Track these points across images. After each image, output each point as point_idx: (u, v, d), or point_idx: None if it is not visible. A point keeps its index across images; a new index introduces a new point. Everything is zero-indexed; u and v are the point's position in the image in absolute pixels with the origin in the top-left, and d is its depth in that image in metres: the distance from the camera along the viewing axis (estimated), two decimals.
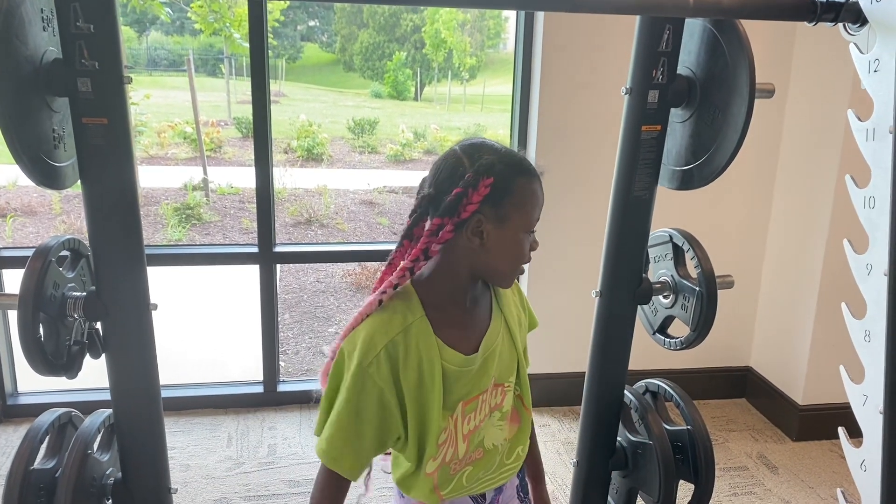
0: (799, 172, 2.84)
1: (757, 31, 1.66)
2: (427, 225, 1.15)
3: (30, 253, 1.54)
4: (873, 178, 1.45)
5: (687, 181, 1.78)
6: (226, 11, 10.29)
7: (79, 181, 1.57)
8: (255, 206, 2.80)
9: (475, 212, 1.10)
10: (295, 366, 4.14)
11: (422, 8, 21.27)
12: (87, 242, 1.65)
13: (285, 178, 8.65)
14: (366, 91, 22.74)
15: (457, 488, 1.23)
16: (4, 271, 2.76)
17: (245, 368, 3.76)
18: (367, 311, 1.14)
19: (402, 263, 1.15)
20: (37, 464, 1.66)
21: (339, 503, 1.19)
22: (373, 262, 5.55)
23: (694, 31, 1.70)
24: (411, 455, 1.17)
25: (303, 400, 3.02)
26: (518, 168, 1.15)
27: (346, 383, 1.10)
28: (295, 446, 2.69)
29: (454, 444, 1.18)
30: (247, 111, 12.89)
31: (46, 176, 1.47)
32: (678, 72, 1.71)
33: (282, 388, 3.04)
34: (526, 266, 1.18)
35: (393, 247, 1.20)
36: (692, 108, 1.73)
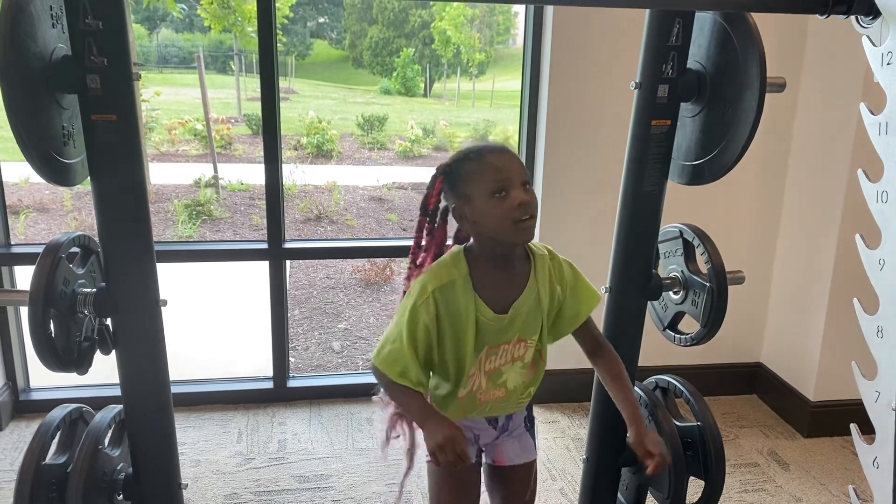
0: (810, 167, 2.82)
1: (768, 24, 1.64)
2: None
3: (39, 249, 1.55)
4: (886, 172, 1.43)
5: (697, 176, 1.77)
6: (239, 5, 10.31)
7: (88, 178, 1.57)
8: (264, 202, 2.81)
9: (438, 203, 1.44)
10: (304, 362, 4.15)
11: (430, 3, 21.26)
12: (97, 239, 1.66)
13: (295, 174, 8.67)
14: (375, 87, 22.74)
15: (480, 413, 1.54)
16: (17, 268, 2.78)
17: (255, 364, 3.77)
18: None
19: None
20: (48, 459, 1.68)
21: (418, 397, 1.43)
22: (382, 259, 5.56)
23: (704, 24, 1.68)
24: (450, 379, 1.48)
25: (312, 396, 3.03)
26: (463, 155, 1.41)
27: (402, 316, 1.40)
28: (305, 442, 2.70)
29: (479, 378, 1.48)
30: (257, 108, 12.88)
31: (56, 173, 1.48)
32: (688, 66, 1.70)
33: (291, 383, 3.04)
34: (525, 216, 1.35)
35: (401, 242, 1.49)
36: (702, 103, 1.72)
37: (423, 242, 1.48)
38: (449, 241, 1.51)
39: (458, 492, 1.57)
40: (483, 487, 1.65)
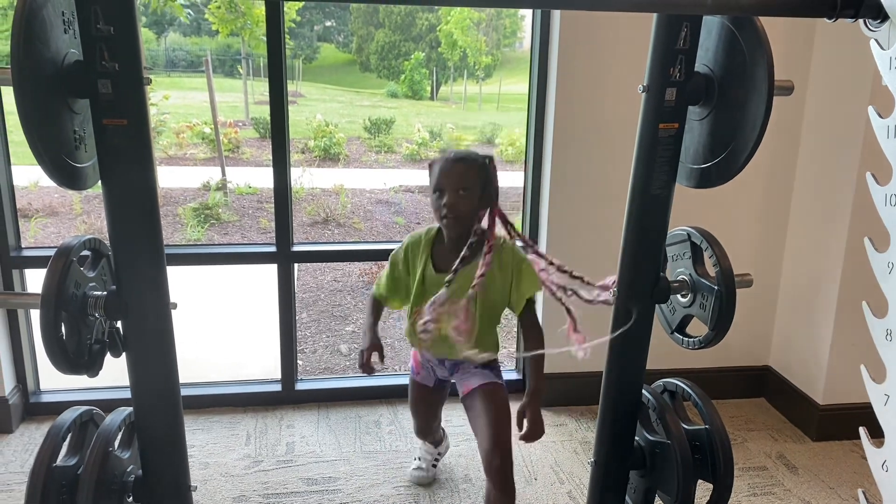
0: (818, 170, 2.81)
1: (775, 27, 1.65)
2: None
3: (50, 253, 1.56)
4: (895, 175, 1.43)
5: (705, 179, 1.77)
6: (249, 8, 10.35)
7: (99, 182, 1.59)
8: (272, 205, 2.82)
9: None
10: (312, 364, 4.16)
11: (437, 7, 21.28)
12: (107, 242, 1.67)
13: (303, 177, 8.69)
14: (382, 91, 22.76)
15: (427, 347, 2.05)
16: (27, 271, 2.80)
17: (263, 367, 3.78)
18: None
19: None
20: (59, 461, 1.69)
21: (376, 311, 2.08)
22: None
23: (711, 28, 1.69)
24: (408, 310, 2.03)
25: (321, 398, 3.04)
26: (448, 155, 1.91)
27: (390, 259, 2.06)
28: (313, 444, 2.70)
29: (419, 316, 1.84)
30: (264, 111, 12.94)
31: (68, 177, 1.49)
32: (696, 69, 1.70)
33: (300, 386, 3.05)
34: (448, 215, 1.86)
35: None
36: (710, 106, 1.72)
37: None
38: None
39: (417, 401, 2.27)
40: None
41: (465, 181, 1.84)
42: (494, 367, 2.08)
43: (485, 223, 1.87)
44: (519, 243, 1.96)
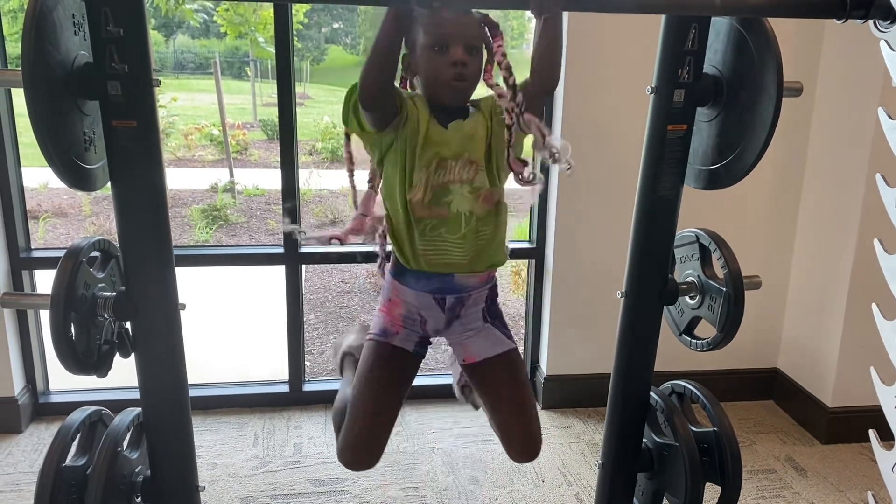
0: (827, 171, 2.80)
1: (784, 28, 1.64)
2: None
3: (61, 254, 1.57)
4: None
5: (713, 181, 1.77)
6: (250, 15, 10.38)
7: (109, 183, 1.60)
8: (280, 207, 2.82)
9: (404, 55, 1.47)
10: (320, 366, 4.17)
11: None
12: (116, 243, 1.68)
13: (310, 179, 8.70)
14: None
15: (423, 238, 1.47)
16: (36, 272, 2.81)
17: (271, 368, 3.79)
18: None
19: None
20: (68, 461, 1.70)
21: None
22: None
23: (720, 29, 1.68)
24: (398, 185, 1.46)
25: (328, 400, 3.03)
26: (420, 14, 1.39)
27: None
28: (320, 445, 2.71)
29: (423, 189, 1.44)
30: (272, 113, 12.98)
31: (78, 178, 1.50)
32: (704, 70, 1.70)
33: (307, 387, 3.06)
34: (458, 79, 1.42)
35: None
36: (719, 107, 1.72)
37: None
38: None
39: (382, 379, 1.57)
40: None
41: (476, 37, 1.44)
42: (499, 311, 1.65)
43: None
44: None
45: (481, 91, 1.54)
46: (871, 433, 1.56)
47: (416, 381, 1.67)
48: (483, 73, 1.50)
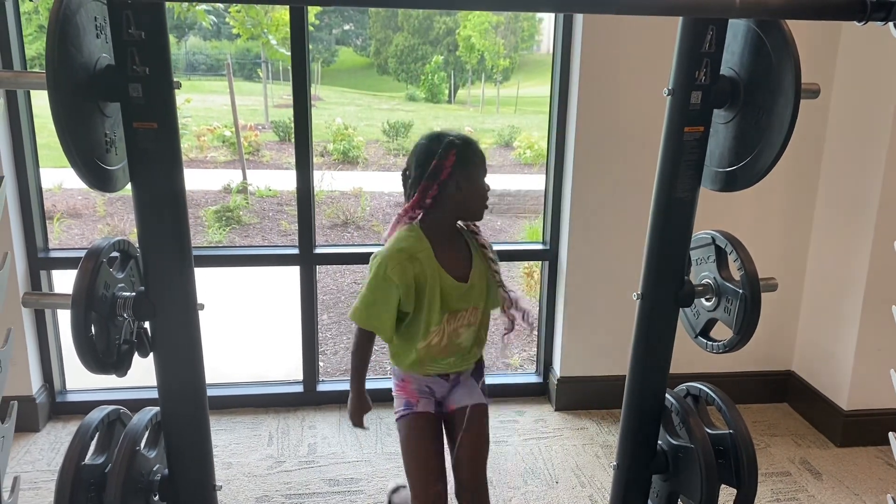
0: (843, 173, 2.79)
1: (800, 29, 1.64)
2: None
3: (76, 254, 1.58)
4: None
5: (730, 183, 1.77)
6: (262, 18, 10.41)
7: (129, 184, 1.61)
8: (292, 208, 2.84)
9: (450, 174, 1.71)
10: (334, 366, 4.18)
11: (455, 11, 21.28)
12: (135, 244, 1.69)
13: (322, 180, 8.73)
14: (400, 94, 22.83)
15: (434, 368, 1.88)
16: (53, 272, 2.83)
17: (285, 368, 3.81)
18: (391, 236, 1.81)
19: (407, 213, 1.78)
20: (87, 460, 1.71)
21: (366, 349, 1.87)
22: None
23: (738, 31, 1.68)
24: (413, 335, 1.81)
25: (342, 400, 3.05)
26: (470, 149, 1.73)
27: (373, 279, 1.75)
28: (334, 445, 2.72)
29: (440, 336, 1.81)
30: (284, 115, 13.03)
31: (99, 179, 1.51)
32: (721, 72, 1.70)
33: (321, 387, 3.07)
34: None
35: None
36: (736, 110, 1.72)
37: (427, 201, 1.74)
38: None
39: (424, 440, 1.88)
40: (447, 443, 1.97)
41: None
42: (482, 376, 2.02)
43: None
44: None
45: None
46: (892, 436, 1.55)
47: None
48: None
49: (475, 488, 1.91)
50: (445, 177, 1.71)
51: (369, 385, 1.91)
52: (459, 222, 1.84)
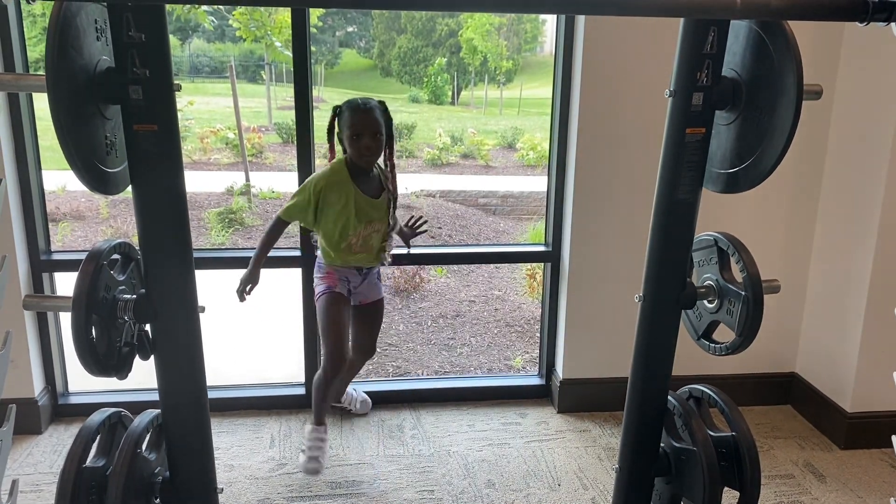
0: (846, 174, 2.78)
1: (802, 29, 1.63)
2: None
3: (79, 256, 1.58)
4: None
5: (732, 184, 1.76)
6: (266, 20, 10.44)
7: (129, 186, 1.61)
8: None
9: (334, 129, 2.51)
10: None
11: (457, 12, 21.27)
12: (136, 246, 1.69)
13: None
14: (403, 96, 22.85)
15: (352, 261, 2.57)
16: (56, 274, 2.83)
17: (287, 371, 3.80)
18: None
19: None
20: (88, 462, 1.71)
21: (276, 234, 2.52)
22: (411, 266, 5.58)
23: (739, 32, 1.68)
24: (334, 237, 2.50)
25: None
26: (345, 107, 2.45)
27: (302, 188, 2.49)
28: (336, 448, 2.71)
29: (357, 238, 2.51)
30: (287, 117, 13.04)
31: (99, 182, 1.51)
32: (723, 74, 1.70)
33: None
34: (367, 154, 2.44)
35: (430, 251, 2.87)
36: (737, 111, 1.71)
37: (330, 145, 2.55)
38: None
39: (336, 313, 2.54)
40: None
41: (378, 126, 2.42)
42: (380, 272, 2.74)
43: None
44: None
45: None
46: (895, 439, 1.54)
47: (430, 384, 2.82)
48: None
49: (370, 349, 2.80)
50: (330, 134, 2.52)
51: (371, 387, 1.97)
52: (379, 165, 2.56)
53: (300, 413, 2.97)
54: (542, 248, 3.09)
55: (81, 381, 2.95)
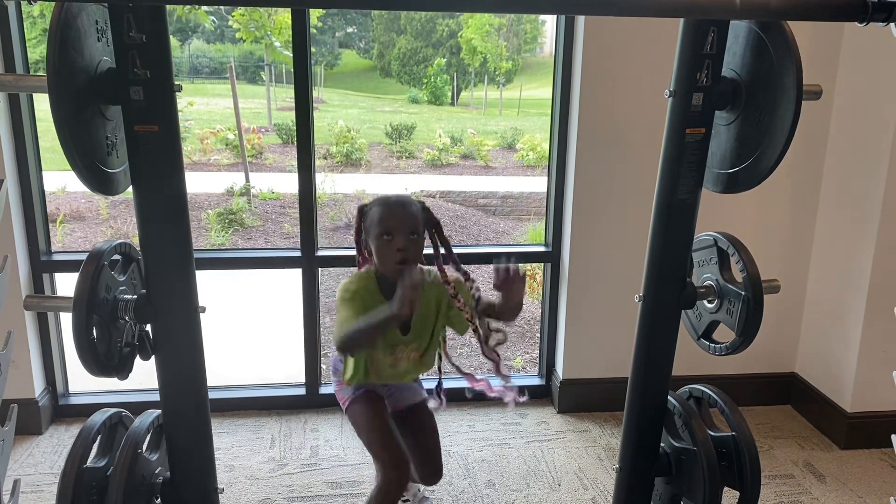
0: (846, 174, 2.78)
1: (802, 29, 1.64)
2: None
3: (79, 257, 1.59)
4: None
5: (732, 184, 1.76)
6: (266, 20, 10.44)
7: (130, 187, 1.61)
8: (295, 210, 2.84)
9: (360, 237, 1.89)
10: None
11: (457, 13, 21.30)
12: (137, 246, 1.69)
13: (325, 183, 8.74)
14: (403, 96, 22.87)
15: (375, 381, 2.00)
16: (56, 275, 2.84)
17: (287, 371, 3.80)
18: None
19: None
20: (89, 462, 1.71)
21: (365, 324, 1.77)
22: None
23: (739, 32, 1.68)
24: (358, 357, 1.93)
25: None
26: (374, 203, 1.83)
27: (340, 301, 1.80)
28: (337, 448, 2.72)
29: (381, 363, 1.91)
30: (286, 117, 13.05)
31: (100, 182, 1.51)
32: (723, 74, 1.70)
33: (324, 390, 3.07)
34: (400, 260, 1.76)
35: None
36: (737, 111, 1.72)
37: (359, 257, 1.95)
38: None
39: (376, 412, 1.98)
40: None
41: (415, 224, 1.79)
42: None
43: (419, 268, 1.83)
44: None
45: None
46: (894, 438, 1.54)
47: (430, 384, 2.17)
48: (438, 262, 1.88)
49: (434, 469, 2.09)
50: (357, 238, 1.91)
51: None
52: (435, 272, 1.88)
53: (300, 413, 2.98)
54: (541, 249, 3.09)
55: (82, 382, 2.96)
